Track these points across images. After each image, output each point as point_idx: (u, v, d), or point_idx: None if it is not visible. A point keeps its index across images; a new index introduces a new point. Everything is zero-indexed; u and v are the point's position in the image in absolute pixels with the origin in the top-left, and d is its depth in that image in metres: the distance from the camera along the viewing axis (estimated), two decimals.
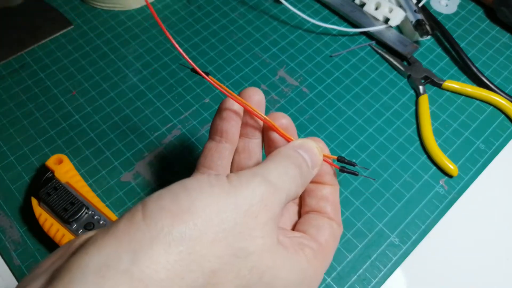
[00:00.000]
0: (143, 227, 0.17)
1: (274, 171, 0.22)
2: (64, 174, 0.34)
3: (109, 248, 0.17)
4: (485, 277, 0.33)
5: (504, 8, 0.45)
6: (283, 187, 0.22)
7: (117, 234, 0.17)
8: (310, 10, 0.48)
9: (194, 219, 0.18)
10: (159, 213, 0.18)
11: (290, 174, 0.23)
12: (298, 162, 0.24)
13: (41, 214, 0.32)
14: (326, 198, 0.26)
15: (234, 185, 0.20)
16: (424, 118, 0.39)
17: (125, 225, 0.18)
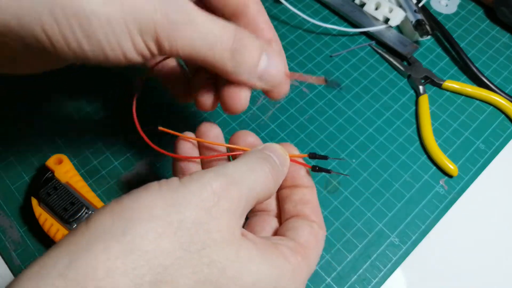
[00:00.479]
0: (83, 230, 0.17)
1: (232, 167, 0.21)
2: (64, 174, 0.34)
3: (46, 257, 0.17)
4: (485, 277, 0.33)
5: (504, 8, 0.45)
6: (243, 180, 0.21)
7: (58, 243, 0.17)
8: (310, 10, 0.48)
9: (135, 214, 0.17)
10: (100, 215, 0.18)
11: (256, 168, 0.22)
12: (265, 156, 0.23)
13: (41, 214, 0.32)
14: (303, 201, 0.25)
15: (184, 182, 0.19)
16: (424, 118, 0.39)
17: (68, 234, 0.18)
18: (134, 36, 0.20)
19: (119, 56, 0.21)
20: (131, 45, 0.20)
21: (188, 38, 0.21)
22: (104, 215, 0.17)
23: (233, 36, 0.23)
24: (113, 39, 0.20)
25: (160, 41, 0.21)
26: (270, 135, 0.39)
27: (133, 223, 0.17)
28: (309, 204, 0.25)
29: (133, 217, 0.17)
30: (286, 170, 0.25)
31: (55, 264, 0.16)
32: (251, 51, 0.24)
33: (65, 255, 0.16)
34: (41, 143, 0.38)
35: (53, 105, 0.40)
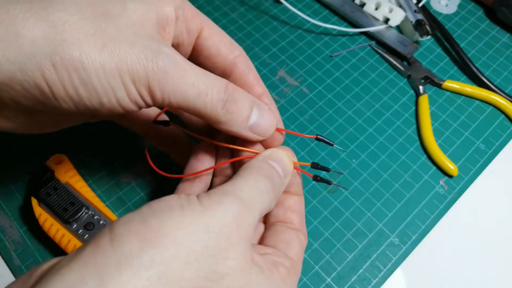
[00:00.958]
0: (110, 251, 0.17)
1: (245, 188, 0.21)
2: (64, 174, 0.34)
3: (73, 274, 0.16)
4: (485, 277, 0.33)
5: (504, 8, 0.45)
6: (256, 203, 0.21)
7: (82, 258, 0.17)
8: (310, 10, 0.48)
9: (164, 242, 0.17)
10: (127, 236, 0.17)
11: (262, 188, 0.22)
12: (269, 173, 0.23)
13: (41, 214, 0.32)
14: (292, 209, 0.26)
15: (205, 205, 0.19)
16: (424, 118, 0.39)
17: (91, 249, 0.17)
18: (127, 84, 0.21)
19: (114, 104, 0.22)
20: (125, 93, 0.21)
21: (179, 86, 0.22)
22: (131, 236, 0.17)
23: (224, 88, 0.24)
24: (107, 87, 0.21)
25: (152, 89, 0.21)
26: None
27: (161, 250, 0.17)
28: (296, 213, 0.26)
29: (160, 243, 0.17)
30: (288, 181, 0.25)
31: (85, 286, 0.16)
32: (242, 104, 0.24)
33: (95, 277, 0.16)
34: (41, 143, 0.38)
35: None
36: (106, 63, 0.20)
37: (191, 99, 0.23)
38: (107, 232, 0.18)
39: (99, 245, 0.17)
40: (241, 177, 0.22)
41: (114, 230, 0.17)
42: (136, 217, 0.18)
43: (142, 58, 0.21)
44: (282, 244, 0.24)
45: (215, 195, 0.20)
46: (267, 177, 0.23)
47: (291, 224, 0.26)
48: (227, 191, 0.21)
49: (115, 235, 0.17)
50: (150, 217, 0.18)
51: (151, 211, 0.18)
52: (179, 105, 0.23)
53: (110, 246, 0.17)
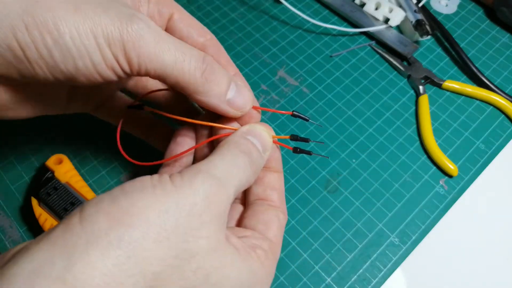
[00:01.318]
0: (79, 230, 0.16)
1: (219, 165, 0.21)
2: (64, 174, 0.34)
3: (42, 254, 0.16)
4: (485, 277, 0.33)
5: (504, 8, 0.45)
6: (231, 180, 0.21)
7: (52, 238, 0.16)
8: (310, 10, 0.48)
9: (133, 221, 0.17)
10: (96, 216, 0.17)
11: (239, 164, 0.22)
12: (247, 148, 0.23)
13: (41, 214, 0.32)
14: (272, 186, 0.26)
15: (176, 185, 0.19)
16: (424, 118, 0.39)
17: (61, 229, 0.17)
18: (102, 47, 0.21)
19: (91, 68, 0.21)
20: (100, 57, 0.21)
21: (155, 51, 0.22)
22: (100, 216, 0.17)
23: (202, 57, 0.24)
24: (82, 49, 0.20)
25: (128, 53, 0.21)
26: None
27: (130, 229, 0.17)
28: (276, 190, 0.26)
29: (130, 222, 0.17)
30: (267, 156, 0.25)
31: (53, 265, 0.16)
32: (221, 76, 0.24)
33: (63, 257, 0.16)
34: (41, 143, 0.38)
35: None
36: (80, 25, 0.20)
37: (169, 65, 0.22)
38: (77, 212, 0.17)
39: (69, 225, 0.17)
40: (218, 154, 0.22)
41: (84, 210, 0.17)
42: (106, 197, 0.18)
43: (116, 21, 0.21)
44: (261, 226, 0.24)
45: (187, 174, 0.20)
46: (245, 152, 0.23)
47: (271, 202, 0.25)
48: (200, 169, 0.20)
49: (85, 215, 0.17)
50: (121, 197, 0.18)
51: (122, 192, 0.18)
52: (156, 72, 0.22)
53: (79, 225, 0.17)
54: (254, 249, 0.22)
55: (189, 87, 0.23)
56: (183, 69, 0.23)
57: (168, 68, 0.22)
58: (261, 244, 0.23)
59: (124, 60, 0.21)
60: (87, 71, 0.21)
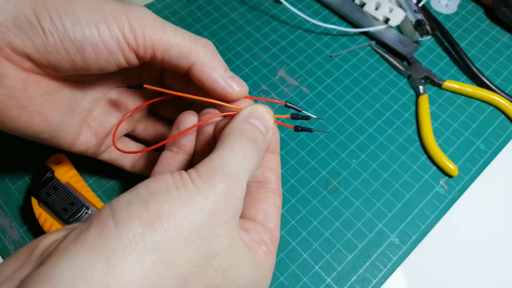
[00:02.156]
0: (115, 235, 0.17)
1: (231, 160, 0.22)
2: (64, 174, 0.34)
3: (82, 257, 0.16)
4: (485, 277, 0.33)
5: (504, 8, 0.45)
6: (243, 173, 0.22)
7: (88, 241, 0.17)
8: (310, 10, 0.48)
9: (164, 225, 0.18)
10: (129, 220, 0.17)
11: (248, 154, 0.23)
12: (253, 135, 0.24)
13: (41, 214, 0.32)
14: (270, 168, 0.27)
15: (198, 186, 0.20)
16: (424, 118, 0.39)
17: (96, 232, 0.17)
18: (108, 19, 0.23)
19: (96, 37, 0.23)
20: (106, 27, 0.23)
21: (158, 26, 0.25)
22: (134, 221, 0.17)
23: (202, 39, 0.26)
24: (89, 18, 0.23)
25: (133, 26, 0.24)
26: None
27: (162, 234, 0.18)
28: (274, 171, 0.27)
29: (161, 227, 0.18)
30: (270, 136, 0.26)
31: (94, 270, 0.16)
32: (220, 58, 0.27)
33: (102, 261, 0.16)
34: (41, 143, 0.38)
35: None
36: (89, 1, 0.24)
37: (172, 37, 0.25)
38: (109, 214, 0.18)
39: (104, 228, 0.17)
40: (226, 146, 0.22)
41: (117, 213, 0.18)
42: (135, 200, 0.19)
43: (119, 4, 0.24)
44: (261, 216, 0.25)
45: (205, 174, 0.21)
46: (251, 140, 0.23)
47: (269, 184, 0.26)
48: (215, 169, 0.21)
49: (118, 219, 0.18)
50: (149, 201, 0.19)
51: (149, 194, 0.19)
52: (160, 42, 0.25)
53: (115, 229, 0.17)
54: (259, 244, 0.23)
55: (192, 55, 0.25)
56: (187, 40, 0.25)
57: (172, 39, 0.25)
58: (264, 238, 0.24)
59: (129, 32, 0.24)
60: (93, 40, 0.23)
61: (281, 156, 0.37)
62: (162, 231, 0.18)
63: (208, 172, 0.21)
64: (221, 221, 0.20)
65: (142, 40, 0.24)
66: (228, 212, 0.20)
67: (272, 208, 0.26)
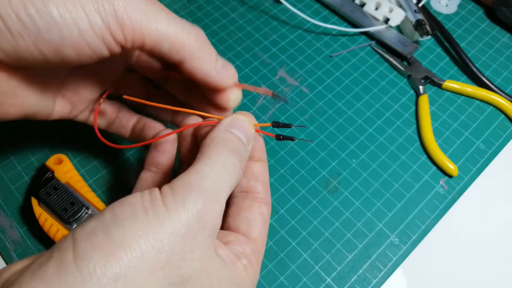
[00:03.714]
0: (74, 271, 0.16)
1: (210, 175, 0.20)
2: (64, 174, 0.34)
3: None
4: (485, 277, 0.33)
5: (504, 8, 0.45)
6: (223, 189, 0.21)
7: (46, 277, 0.16)
8: (310, 10, 0.48)
9: (128, 254, 0.17)
10: (90, 252, 0.17)
11: (229, 167, 0.21)
12: (235, 145, 0.23)
13: (41, 214, 0.32)
14: (256, 177, 0.25)
15: (169, 207, 0.19)
16: (424, 118, 0.39)
17: (55, 266, 0.16)
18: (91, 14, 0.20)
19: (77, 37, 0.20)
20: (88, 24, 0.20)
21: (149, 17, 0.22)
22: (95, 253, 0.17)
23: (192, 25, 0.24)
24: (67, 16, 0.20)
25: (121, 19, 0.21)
26: None
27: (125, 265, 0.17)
28: (261, 181, 0.25)
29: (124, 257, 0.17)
30: (251, 146, 0.24)
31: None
32: (210, 47, 0.25)
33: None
34: (41, 143, 0.38)
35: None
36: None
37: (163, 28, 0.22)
38: (71, 246, 0.17)
39: (63, 263, 0.16)
40: (206, 159, 0.21)
41: (78, 245, 0.17)
42: (99, 228, 0.18)
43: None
44: (245, 226, 0.24)
45: (179, 192, 0.19)
46: (233, 151, 0.22)
47: (255, 194, 0.25)
48: (191, 185, 0.20)
49: (79, 251, 0.17)
50: (113, 228, 0.17)
51: (113, 220, 0.18)
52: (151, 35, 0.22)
53: (74, 264, 0.16)
54: (239, 259, 0.22)
55: (185, 50, 0.24)
56: (179, 33, 0.23)
57: (164, 32, 0.22)
58: (245, 250, 0.22)
59: (117, 26, 0.21)
60: (74, 40, 0.21)
61: (281, 156, 0.37)
62: (125, 261, 0.17)
63: (182, 189, 0.19)
64: (195, 243, 0.19)
65: (131, 34, 0.22)
66: (203, 233, 0.19)
67: (257, 217, 0.24)
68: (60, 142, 0.38)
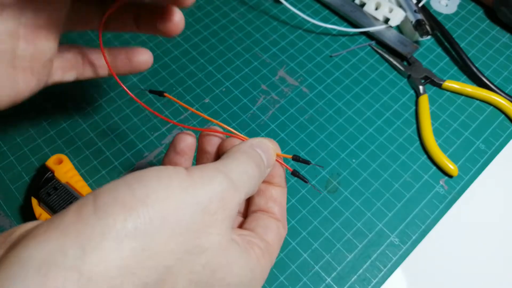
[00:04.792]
0: (93, 221, 0.16)
1: (235, 169, 0.22)
2: (64, 174, 0.34)
3: (52, 242, 0.15)
4: (485, 277, 0.33)
5: (504, 8, 0.45)
6: (243, 186, 0.21)
7: (62, 227, 0.16)
8: (310, 10, 0.48)
9: (150, 212, 0.17)
10: (112, 205, 0.16)
11: (250, 173, 0.22)
12: (258, 160, 0.24)
13: (41, 214, 0.32)
14: (274, 199, 0.26)
15: (195, 180, 0.19)
16: (424, 118, 0.39)
17: (73, 217, 0.16)
18: None
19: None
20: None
21: None
22: (117, 207, 0.16)
23: None
24: None
25: None
26: (270, 135, 0.39)
27: (146, 223, 0.17)
28: (278, 204, 0.26)
29: (146, 214, 0.17)
30: (269, 171, 0.25)
31: (65, 255, 0.15)
32: None
33: (76, 247, 0.15)
34: (41, 143, 0.38)
35: (53, 105, 0.40)
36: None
37: None
38: (91, 200, 0.17)
39: (82, 214, 0.16)
40: (233, 158, 0.22)
41: (99, 198, 0.17)
42: (121, 185, 0.18)
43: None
44: (260, 229, 0.24)
45: (208, 170, 0.20)
46: (255, 163, 0.23)
47: (272, 214, 0.26)
48: (219, 169, 0.21)
49: (100, 204, 0.16)
50: (136, 186, 0.17)
51: (137, 180, 0.18)
52: None
53: (94, 215, 0.16)
54: (252, 246, 0.22)
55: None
56: None
57: None
58: (258, 243, 0.23)
59: None
60: None
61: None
62: (146, 218, 0.17)
63: (210, 170, 0.20)
64: (215, 219, 0.19)
65: None
66: (223, 212, 0.20)
67: (274, 226, 0.25)
68: (60, 142, 0.38)
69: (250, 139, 0.26)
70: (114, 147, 0.38)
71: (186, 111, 0.40)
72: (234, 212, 0.21)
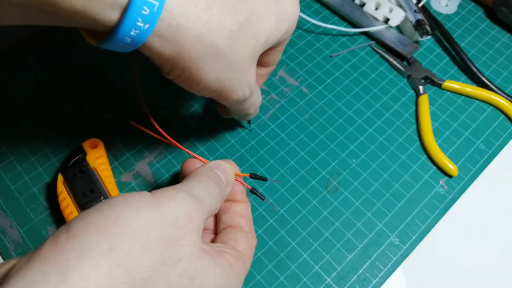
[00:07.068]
0: (68, 246, 0.17)
1: (196, 187, 0.24)
2: (95, 160, 0.35)
3: (34, 271, 0.16)
4: (485, 277, 0.33)
5: (504, 8, 0.45)
6: (205, 202, 0.23)
7: (42, 256, 0.17)
8: (310, 10, 0.48)
9: (120, 231, 0.18)
10: (84, 230, 0.18)
11: (211, 190, 0.24)
12: (217, 179, 0.26)
13: (61, 192, 0.33)
14: (240, 214, 0.28)
15: (159, 199, 0.21)
16: (424, 118, 0.39)
17: (50, 246, 0.17)
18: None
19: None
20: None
21: None
22: (89, 229, 0.18)
23: None
24: None
25: None
26: (270, 135, 0.39)
27: (119, 239, 0.18)
28: (244, 218, 0.28)
29: (118, 233, 0.18)
30: (230, 189, 0.28)
31: (46, 281, 0.16)
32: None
33: (56, 272, 0.16)
34: (40, 143, 0.38)
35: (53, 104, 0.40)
36: None
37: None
38: (64, 229, 0.18)
39: (57, 242, 0.17)
40: (193, 179, 0.25)
41: (71, 226, 0.18)
42: (93, 211, 0.19)
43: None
44: (231, 241, 0.26)
45: (170, 190, 0.22)
46: (214, 182, 0.25)
47: (240, 228, 0.27)
48: (180, 188, 0.22)
49: (73, 231, 0.18)
50: (106, 210, 0.19)
51: (107, 205, 0.19)
52: None
53: (68, 242, 0.17)
54: (223, 255, 0.24)
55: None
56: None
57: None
58: (230, 251, 0.24)
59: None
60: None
61: (281, 156, 0.38)
62: (117, 237, 0.18)
63: (173, 189, 0.22)
64: (184, 232, 0.20)
65: None
66: (190, 226, 0.21)
67: (243, 238, 0.26)
68: (60, 142, 0.38)
69: (209, 162, 0.28)
70: (114, 147, 0.38)
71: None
72: (201, 225, 0.22)
